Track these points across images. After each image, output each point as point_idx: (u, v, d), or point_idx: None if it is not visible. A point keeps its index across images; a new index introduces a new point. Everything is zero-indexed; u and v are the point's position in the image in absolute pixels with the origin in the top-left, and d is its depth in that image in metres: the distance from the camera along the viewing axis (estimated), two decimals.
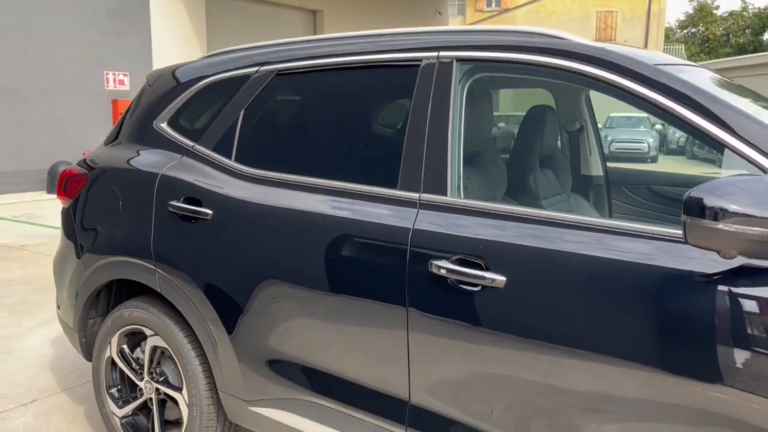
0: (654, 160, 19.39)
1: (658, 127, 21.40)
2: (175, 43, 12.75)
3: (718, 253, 1.35)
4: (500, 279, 1.68)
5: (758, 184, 1.33)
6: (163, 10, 12.61)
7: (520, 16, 33.60)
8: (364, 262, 1.94)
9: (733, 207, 1.30)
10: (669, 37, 42.91)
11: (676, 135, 22.58)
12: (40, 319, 4.35)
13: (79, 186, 2.74)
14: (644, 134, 19.62)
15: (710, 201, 1.32)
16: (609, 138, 19.52)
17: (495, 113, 3.00)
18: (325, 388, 2.06)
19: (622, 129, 20.55)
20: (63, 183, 2.81)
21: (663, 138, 23.85)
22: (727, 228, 1.31)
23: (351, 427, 2.00)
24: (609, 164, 3.12)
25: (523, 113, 2.69)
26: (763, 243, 1.30)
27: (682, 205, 1.35)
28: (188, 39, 13.13)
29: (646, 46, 33.68)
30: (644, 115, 22.07)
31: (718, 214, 1.31)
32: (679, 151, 22.12)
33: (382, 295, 1.88)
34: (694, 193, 1.34)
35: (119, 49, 11.84)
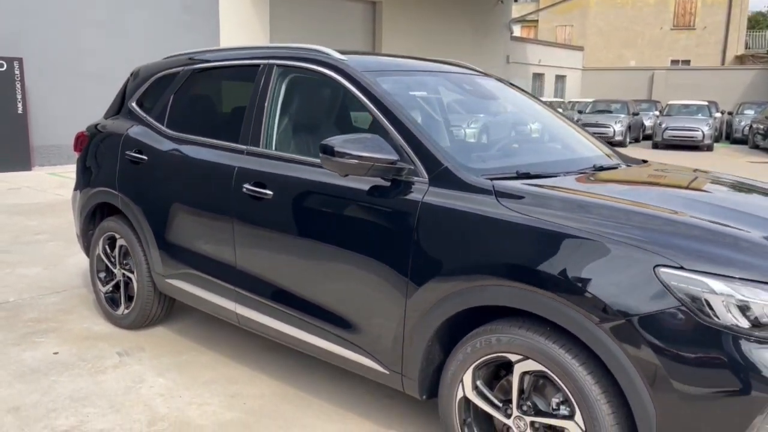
0: (710, 148, 19.36)
1: (718, 115, 21.14)
2: (240, 34, 14.39)
3: (338, 173, 2.55)
4: (270, 193, 2.93)
5: (359, 141, 2.49)
6: (230, 4, 14.27)
7: (595, 3, 33.42)
8: (215, 188, 3.23)
9: (345, 150, 2.48)
10: (760, 22, 41.09)
11: (742, 124, 22.25)
12: None
13: (85, 143, 4.18)
14: (700, 122, 19.53)
15: (337, 147, 2.50)
16: (663, 125, 19.62)
17: None
18: (199, 264, 3.38)
19: (678, 117, 20.51)
20: (76, 141, 4.25)
21: (729, 127, 23.50)
22: (341, 161, 2.49)
23: (209, 286, 3.32)
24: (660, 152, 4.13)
25: None
26: (354, 168, 2.48)
27: (320, 147, 2.53)
28: (253, 31, 14.75)
29: (727, 33, 32.69)
30: (704, 103, 21.90)
31: (339, 153, 2.49)
32: (743, 140, 21.83)
33: (223, 207, 3.17)
34: (326, 141, 2.52)
35: (191, 40, 13.54)
